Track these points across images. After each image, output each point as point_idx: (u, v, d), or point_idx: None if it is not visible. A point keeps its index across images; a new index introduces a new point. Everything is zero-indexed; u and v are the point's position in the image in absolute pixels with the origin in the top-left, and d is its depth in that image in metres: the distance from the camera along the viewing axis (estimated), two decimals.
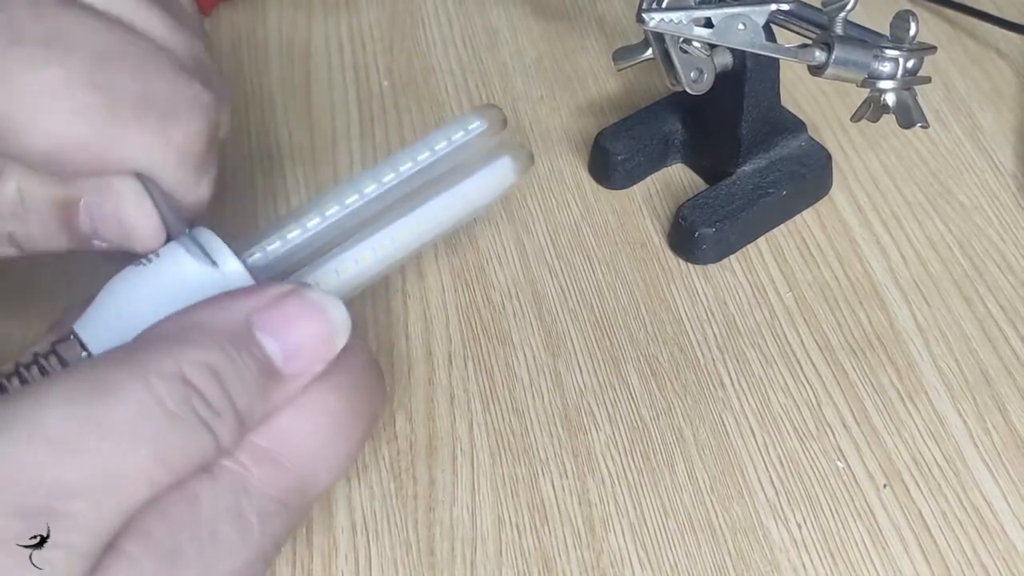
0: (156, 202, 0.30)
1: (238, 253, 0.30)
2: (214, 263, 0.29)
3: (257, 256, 0.32)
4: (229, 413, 0.26)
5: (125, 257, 0.30)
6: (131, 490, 0.24)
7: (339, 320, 0.28)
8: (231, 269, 0.29)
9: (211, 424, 0.25)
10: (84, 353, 0.28)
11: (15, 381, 0.29)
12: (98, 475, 0.24)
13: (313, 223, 0.32)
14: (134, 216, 0.30)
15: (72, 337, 0.29)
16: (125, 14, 0.30)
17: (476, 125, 0.34)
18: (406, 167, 0.33)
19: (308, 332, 0.27)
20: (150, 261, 0.29)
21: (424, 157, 0.33)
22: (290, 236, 0.32)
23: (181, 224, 0.30)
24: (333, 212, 0.32)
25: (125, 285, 0.29)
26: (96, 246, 0.31)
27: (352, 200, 0.32)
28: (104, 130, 0.28)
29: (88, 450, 0.24)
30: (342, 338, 0.28)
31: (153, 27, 0.31)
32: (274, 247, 0.32)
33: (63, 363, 0.29)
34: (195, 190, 0.31)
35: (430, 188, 0.33)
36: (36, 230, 0.30)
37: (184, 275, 0.29)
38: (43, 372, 0.29)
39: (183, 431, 0.25)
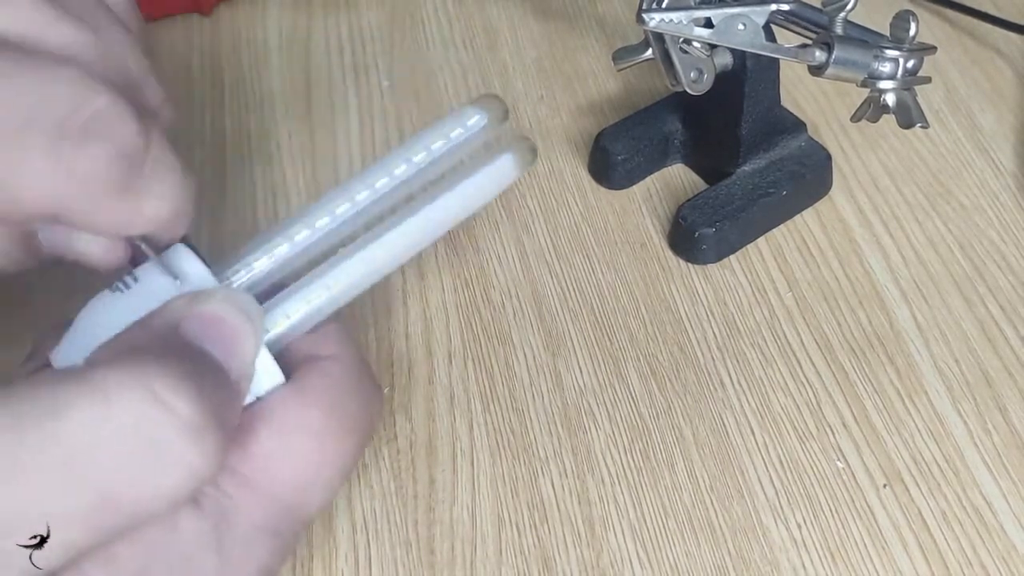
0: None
1: (222, 270, 0.29)
2: (191, 283, 0.28)
3: (241, 273, 0.30)
4: (209, 427, 0.24)
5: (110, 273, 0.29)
6: (109, 514, 0.23)
7: (247, 305, 0.27)
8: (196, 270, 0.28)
9: (204, 444, 0.24)
10: None
11: None
12: (61, 513, 0.22)
13: (302, 236, 0.31)
14: (84, 242, 0.28)
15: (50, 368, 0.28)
16: (24, 30, 0.27)
17: (475, 120, 0.33)
18: (400, 170, 0.32)
19: (230, 324, 0.26)
20: (127, 287, 0.28)
21: (420, 158, 0.32)
22: (277, 252, 0.30)
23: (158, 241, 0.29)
24: (323, 224, 0.31)
25: (100, 313, 0.28)
26: (66, 260, 0.29)
27: (343, 209, 0.31)
28: None
29: (32, 486, 0.22)
30: (256, 318, 0.27)
31: (58, 39, 0.28)
32: (260, 263, 0.30)
33: None
34: (135, 215, 0.27)
35: (427, 192, 0.32)
36: (2, 259, 0.29)
37: (160, 299, 0.27)
38: None
39: (159, 464, 0.23)
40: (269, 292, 0.30)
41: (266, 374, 0.28)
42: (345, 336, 0.30)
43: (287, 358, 0.29)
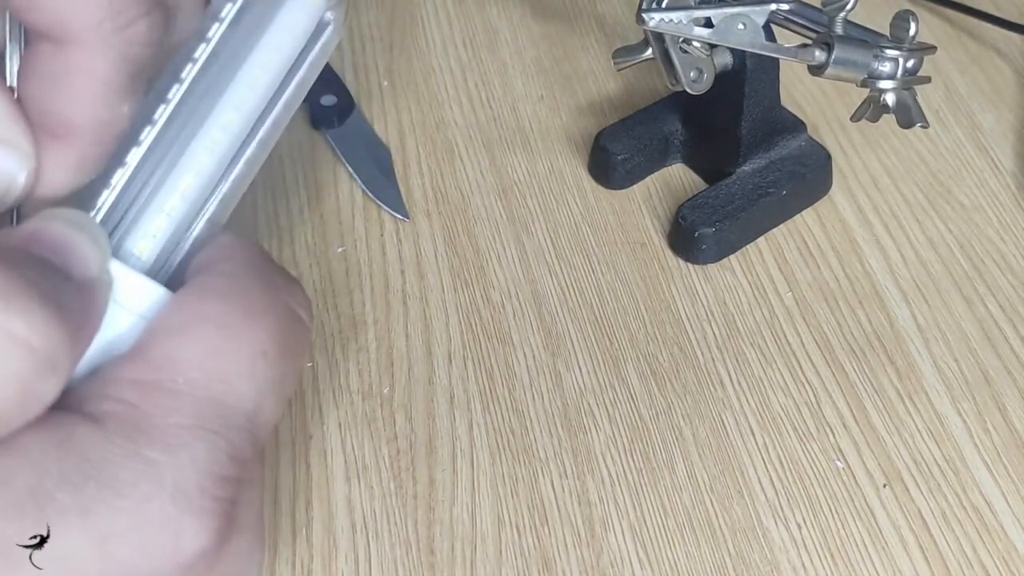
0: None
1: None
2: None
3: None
4: (39, 308, 0.22)
5: None
6: None
7: (81, 219, 0.25)
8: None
9: (51, 366, 0.22)
10: None
11: None
12: None
13: (132, 155, 0.27)
14: None
15: None
16: None
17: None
18: (199, 53, 0.27)
19: (60, 234, 0.24)
20: None
21: (212, 33, 0.28)
22: (117, 178, 0.27)
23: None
24: (146, 133, 0.27)
25: None
26: None
27: (159, 113, 0.27)
28: None
29: None
30: (95, 232, 0.25)
31: None
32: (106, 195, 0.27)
33: None
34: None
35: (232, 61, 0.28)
36: None
37: None
38: None
39: None
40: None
41: (140, 290, 0.26)
42: (239, 240, 0.28)
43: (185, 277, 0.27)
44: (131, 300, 0.26)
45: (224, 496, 0.24)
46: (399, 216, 0.46)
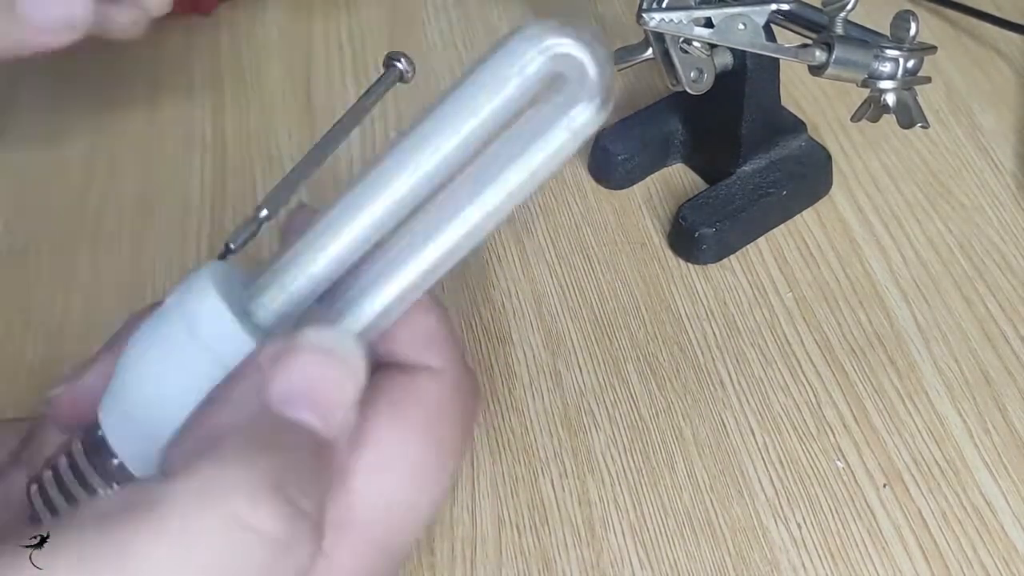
0: None
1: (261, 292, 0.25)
2: (235, 320, 0.24)
3: (279, 298, 0.25)
4: (305, 523, 0.21)
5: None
6: None
7: (348, 350, 0.23)
8: (210, 306, 0.24)
9: (296, 548, 0.21)
10: (115, 460, 0.25)
11: (49, 475, 0.26)
12: None
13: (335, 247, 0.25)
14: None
15: (100, 433, 0.26)
16: None
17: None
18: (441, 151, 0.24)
19: (327, 382, 0.23)
20: (171, 319, 0.25)
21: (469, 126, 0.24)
22: (312, 271, 0.25)
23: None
24: (364, 222, 0.25)
25: (146, 359, 0.25)
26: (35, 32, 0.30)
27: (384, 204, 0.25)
28: None
29: None
30: (358, 367, 0.23)
31: None
32: (297, 284, 0.25)
33: (91, 457, 0.26)
34: None
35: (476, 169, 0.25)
36: None
37: (209, 332, 0.24)
38: (75, 471, 0.26)
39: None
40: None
41: (231, 342, 0.24)
42: (449, 338, 0.26)
43: (380, 355, 0.26)
44: (223, 352, 0.24)
45: None
46: None
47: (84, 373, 0.27)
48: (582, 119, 0.23)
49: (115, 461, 0.25)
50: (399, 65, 0.32)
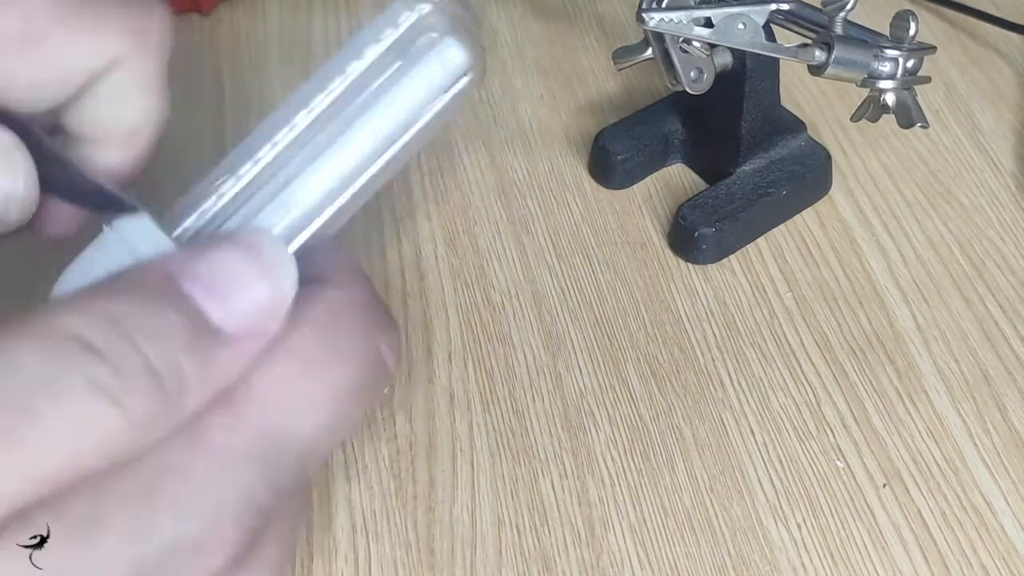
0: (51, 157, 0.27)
1: (173, 221, 0.27)
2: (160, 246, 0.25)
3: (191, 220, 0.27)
4: (141, 377, 0.21)
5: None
6: (34, 468, 0.21)
7: (278, 260, 0.24)
8: (147, 229, 0.26)
9: (113, 391, 0.21)
10: None
11: None
12: None
13: (246, 169, 0.27)
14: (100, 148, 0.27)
15: None
16: None
17: (417, 11, 0.28)
18: (334, 84, 0.28)
19: (243, 278, 0.24)
20: (87, 253, 0.26)
21: (354, 68, 0.28)
22: (224, 190, 0.27)
23: (115, 199, 0.26)
24: (265, 152, 0.28)
25: (65, 286, 0.26)
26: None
27: (280, 136, 0.28)
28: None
29: None
30: (287, 281, 0.24)
31: None
32: (208, 205, 0.27)
33: None
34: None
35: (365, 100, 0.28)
36: None
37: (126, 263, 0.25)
38: None
39: (77, 401, 0.21)
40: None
41: (152, 238, 0.25)
42: (356, 269, 0.27)
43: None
44: (140, 243, 0.25)
45: (249, 526, 0.23)
46: None
47: None
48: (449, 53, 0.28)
49: None
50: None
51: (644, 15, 0.39)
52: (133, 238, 0.25)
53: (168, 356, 0.22)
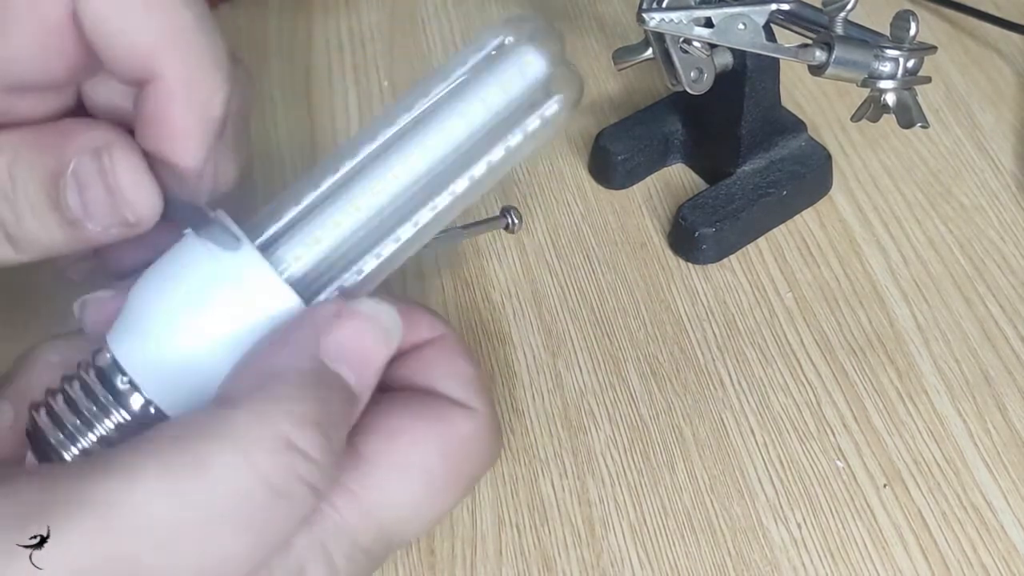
0: (160, 174, 0.28)
1: (259, 238, 0.29)
2: (239, 257, 0.28)
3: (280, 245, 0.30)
4: (332, 463, 0.25)
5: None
6: (232, 574, 0.24)
7: (391, 324, 0.28)
8: (258, 267, 0.28)
9: (317, 484, 0.25)
10: (125, 378, 0.28)
11: (59, 399, 0.28)
12: (202, 567, 0.23)
13: (347, 219, 0.29)
14: (126, 181, 0.28)
15: (109, 355, 0.28)
16: None
17: (532, 66, 0.29)
18: (419, 104, 0.30)
19: (369, 346, 0.27)
20: (175, 262, 0.28)
21: (439, 89, 0.29)
22: (320, 235, 0.29)
23: (195, 206, 0.29)
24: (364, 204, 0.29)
25: (150, 290, 0.28)
26: (91, 234, 0.29)
27: (363, 151, 0.30)
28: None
29: (192, 541, 0.23)
30: (396, 340, 0.28)
31: None
32: (320, 246, 0.29)
33: (103, 379, 0.28)
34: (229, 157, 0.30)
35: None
36: (26, 211, 0.28)
37: (204, 267, 0.28)
38: (87, 392, 0.28)
39: (289, 502, 0.24)
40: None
41: (279, 296, 0.28)
42: (486, 388, 0.31)
43: (403, 377, 0.30)
44: (269, 304, 0.28)
45: None
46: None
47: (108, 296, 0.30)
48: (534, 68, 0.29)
49: (124, 379, 0.28)
50: (509, 218, 0.40)
51: (644, 15, 0.39)
52: (214, 243, 0.28)
53: (339, 434, 0.26)
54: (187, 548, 0.23)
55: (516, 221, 0.39)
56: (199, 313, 0.28)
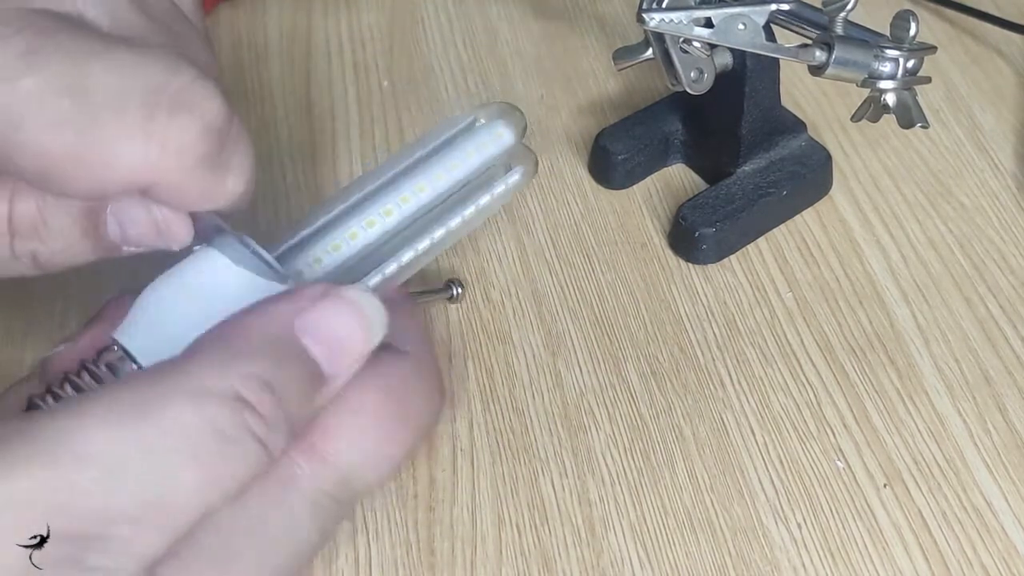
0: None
1: (271, 252, 0.30)
2: (251, 266, 0.29)
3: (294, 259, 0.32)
4: (283, 425, 0.26)
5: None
6: (179, 514, 0.24)
7: (375, 315, 0.28)
8: (267, 273, 0.29)
9: (265, 440, 0.25)
10: (133, 366, 0.28)
11: (67, 388, 0.28)
12: (145, 501, 0.24)
13: (356, 240, 0.32)
14: (170, 216, 0.29)
15: (116, 347, 0.29)
16: (111, 24, 0.29)
17: (503, 137, 0.34)
18: (435, 187, 0.33)
19: (347, 331, 0.27)
20: (184, 267, 0.29)
21: (443, 182, 0.33)
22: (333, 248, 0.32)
23: (212, 223, 0.29)
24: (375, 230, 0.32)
25: (162, 292, 0.29)
26: (124, 252, 0.30)
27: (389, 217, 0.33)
28: (87, 138, 0.26)
29: (135, 474, 0.23)
30: (378, 333, 0.28)
31: (138, 32, 0.29)
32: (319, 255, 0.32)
33: (112, 370, 0.28)
34: (218, 188, 0.29)
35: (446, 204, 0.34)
36: (58, 244, 0.30)
37: (222, 280, 0.29)
38: (96, 380, 0.28)
39: (236, 451, 0.25)
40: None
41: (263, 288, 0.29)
42: (425, 337, 0.32)
43: None
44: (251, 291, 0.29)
45: (310, 561, 0.28)
46: None
47: (79, 338, 0.31)
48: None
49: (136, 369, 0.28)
50: (453, 289, 0.43)
51: (644, 15, 0.39)
52: (227, 256, 0.29)
53: (297, 405, 0.26)
54: (131, 478, 0.23)
55: (459, 291, 0.42)
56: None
